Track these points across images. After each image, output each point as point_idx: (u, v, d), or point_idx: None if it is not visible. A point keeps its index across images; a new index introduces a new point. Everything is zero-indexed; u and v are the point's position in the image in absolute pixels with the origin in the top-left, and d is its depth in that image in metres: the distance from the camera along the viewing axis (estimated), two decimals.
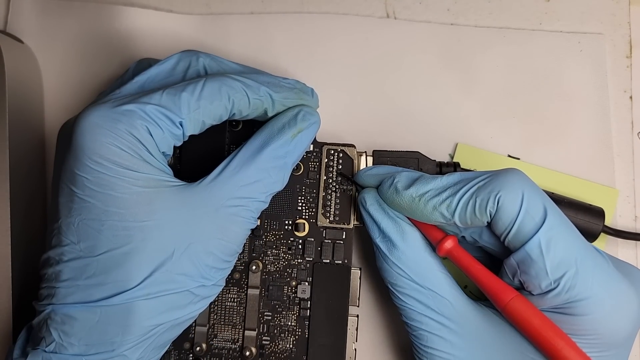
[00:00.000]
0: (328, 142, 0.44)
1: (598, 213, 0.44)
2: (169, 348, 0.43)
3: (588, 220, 0.44)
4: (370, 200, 0.41)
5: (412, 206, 0.39)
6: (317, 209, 0.44)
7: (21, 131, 0.45)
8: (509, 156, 0.48)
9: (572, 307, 0.36)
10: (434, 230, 0.40)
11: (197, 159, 0.44)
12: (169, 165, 0.43)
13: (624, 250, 0.47)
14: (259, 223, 0.44)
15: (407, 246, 0.40)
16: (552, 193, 0.45)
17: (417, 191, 0.39)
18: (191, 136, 0.41)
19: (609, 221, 0.46)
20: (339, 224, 0.43)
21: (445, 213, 0.38)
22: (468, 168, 0.45)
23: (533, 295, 0.37)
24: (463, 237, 0.41)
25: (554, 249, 0.36)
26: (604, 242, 0.47)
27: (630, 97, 0.49)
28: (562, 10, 0.49)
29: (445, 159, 0.47)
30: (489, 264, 0.41)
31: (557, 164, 0.48)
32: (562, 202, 0.44)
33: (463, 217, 0.37)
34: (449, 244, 0.39)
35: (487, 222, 0.37)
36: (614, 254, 0.46)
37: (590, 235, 0.44)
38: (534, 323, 0.36)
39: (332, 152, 0.44)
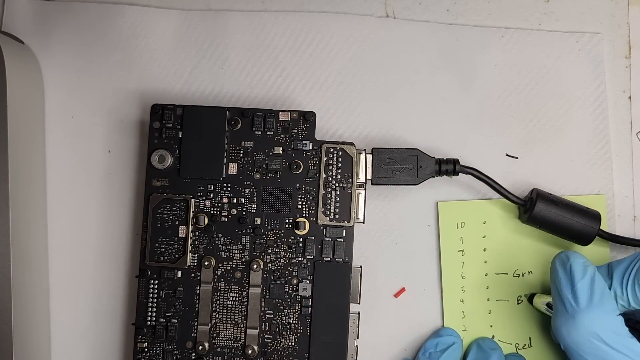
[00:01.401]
0: (327, 140, 0.44)
1: (594, 216, 0.44)
2: (171, 347, 0.44)
3: (584, 223, 0.44)
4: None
5: None
6: (317, 207, 0.44)
7: (22, 131, 0.45)
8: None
9: None
10: None
11: (196, 158, 0.44)
12: (169, 166, 0.44)
13: (622, 255, 0.47)
14: (259, 222, 0.44)
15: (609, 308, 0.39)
16: (550, 194, 0.45)
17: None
18: (190, 136, 0.41)
19: (604, 223, 0.46)
20: (339, 222, 0.43)
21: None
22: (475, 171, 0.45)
23: None
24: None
25: None
26: (607, 247, 0.47)
27: (629, 97, 0.49)
28: (561, 11, 0.49)
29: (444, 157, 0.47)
30: None
31: (555, 164, 0.48)
32: (560, 204, 0.44)
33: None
34: None
35: None
36: (613, 258, 0.47)
37: (586, 238, 0.44)
38: None
39: (332, 150, 0.44)
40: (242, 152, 0.44)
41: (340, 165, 0.44)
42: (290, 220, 0.44)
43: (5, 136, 0.43)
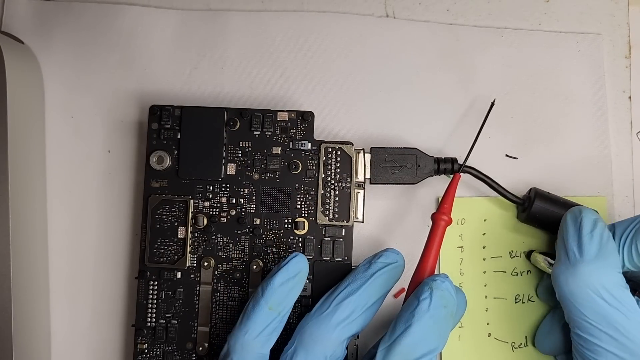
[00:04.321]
0: (326, 140, 0.44)
1: None
2: (171, 348, 0.44)
3: None
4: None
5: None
6: (316, 207, 0.44)
7: (22, 131, 0.45)
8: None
9: None
10: None
11: (195, 159, 0.44)
12: (167, 167, 0.44)
13: None
14: (258, 222, 0.44)
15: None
16: (548, 193, 0.45)
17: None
18: (189, 137, 0.42)
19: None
20: (339, 221, 0.43)
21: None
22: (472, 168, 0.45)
23: None
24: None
25: None
26: None
27: (629, 97, 0.49)
28: (561, 11, 0.49)
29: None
30: None
31: (555, 164, 0.48)
32: (558, 203, 0.44)
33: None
34: None
35: None
36: None
37: None
38: None
39: (330, 150, 0.44)
40: (240, 152, 0.44)
41: (339, 164, 0.44)
42: (290, 220, 0.44)
43: (5, 136, 0.43)
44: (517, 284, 0.47)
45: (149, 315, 0.44)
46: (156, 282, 0.44)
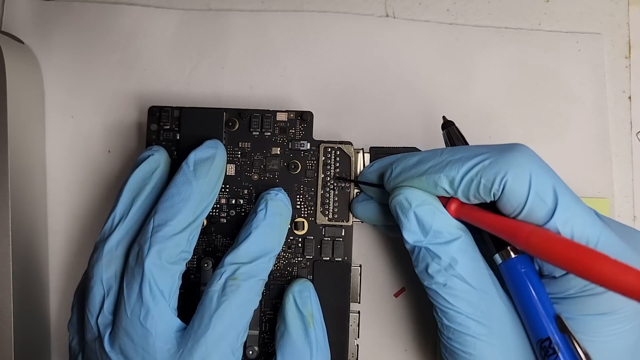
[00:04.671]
0: (325, 140, 0.44)
1: None
2: None
3: None
4: (417, 201, 0.37)
5: (414, 184, 0.37)
6: (315, 207, 0.44)
7: (22, 131, 0.45)
8: None
9: None
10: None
11: None
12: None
13: None
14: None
15: (464, 246, 0.36)
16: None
17: (417, 172, 0.37)
18: (188, 138, 0.42)
19: None
20: (338, 221, 0.43)
21: (447, 189, 0.36)
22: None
23: (556, 277, 0.35)
24: None
25: (570, 230, 0.33)
26: None
27: (629, 98, 0.49)
28: (561, 11, 0.49)
29: None
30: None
31: (555, 164, 0.47)
32: None
33: (466, 194, 0.35)
34: (455, 204, 0.37)
35: (491, 201, 0.35)
36: None
37: None
38: (559, 248, 0.32)
39: (329, 150, 0.44)
40: (240, 153, 0.44)
41: (338, 164, 0.44)
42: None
43: (5, 136, 0.43)
44: None
45: None
46: None
